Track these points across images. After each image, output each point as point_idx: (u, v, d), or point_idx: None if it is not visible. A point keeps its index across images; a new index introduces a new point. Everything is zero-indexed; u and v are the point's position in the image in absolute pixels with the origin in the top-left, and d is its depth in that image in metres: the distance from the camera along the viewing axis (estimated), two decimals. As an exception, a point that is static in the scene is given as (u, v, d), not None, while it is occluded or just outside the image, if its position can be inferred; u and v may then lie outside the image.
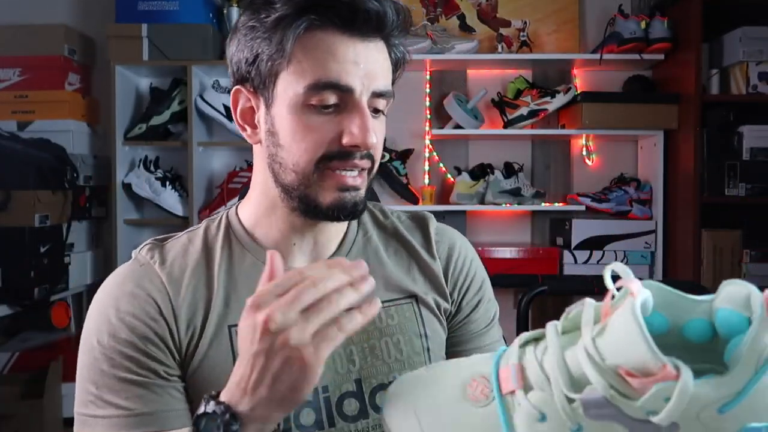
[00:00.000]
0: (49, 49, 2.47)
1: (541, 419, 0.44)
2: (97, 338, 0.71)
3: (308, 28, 0.70)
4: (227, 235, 0.80)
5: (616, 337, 0.40)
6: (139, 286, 0.73)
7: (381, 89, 0.73)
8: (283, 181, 0.75)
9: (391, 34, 0.74)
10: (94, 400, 0.69)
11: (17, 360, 2.25)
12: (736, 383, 0.39)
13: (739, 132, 2.35)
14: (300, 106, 0.71)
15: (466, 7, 2.69)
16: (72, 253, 2.38)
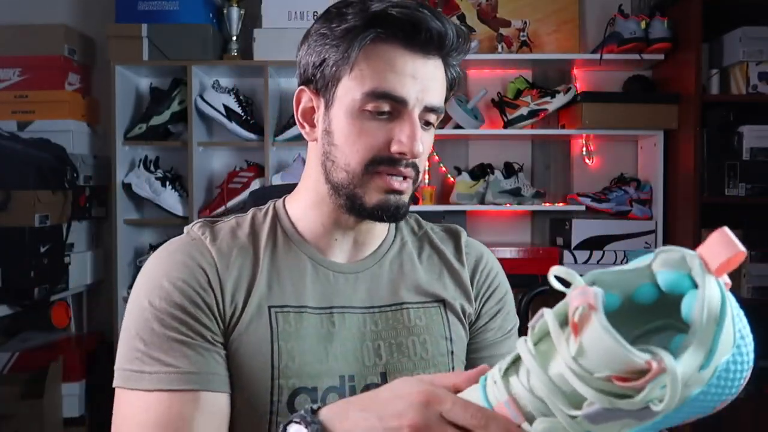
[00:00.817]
0: (49, 49, 2.47)
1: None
2: (148, 300, 0.75)
3: (373, 40, 0.76)
4: (273, 225, 0.85)
5: (596, 352, 0.42)
6: (191, 257, 0.78)
7: (434, 104, 0.78)
8: (333, 179, 0.80)
9: (450, 54, 0.80)
10: (141, 356, 0.72)
11: (17, 360, 2.25)
12: (704, 343, 0.42)
13: (739, 132, 2.35)
14: (356, 110, 0.77)
15: (466, 7, 2.69)
16: (72, 253, 2.38)
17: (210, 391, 0.72)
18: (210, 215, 2.49)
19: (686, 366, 0.42)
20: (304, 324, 0.78)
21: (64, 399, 2.24)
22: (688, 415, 0.46)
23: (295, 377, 0.76)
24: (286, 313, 0.78)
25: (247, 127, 2.51)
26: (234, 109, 2.50)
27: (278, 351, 0.76)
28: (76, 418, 2.27)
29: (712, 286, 0.43)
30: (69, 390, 2.27)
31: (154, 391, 0.70)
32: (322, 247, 0.84)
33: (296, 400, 0.75)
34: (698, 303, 0.42)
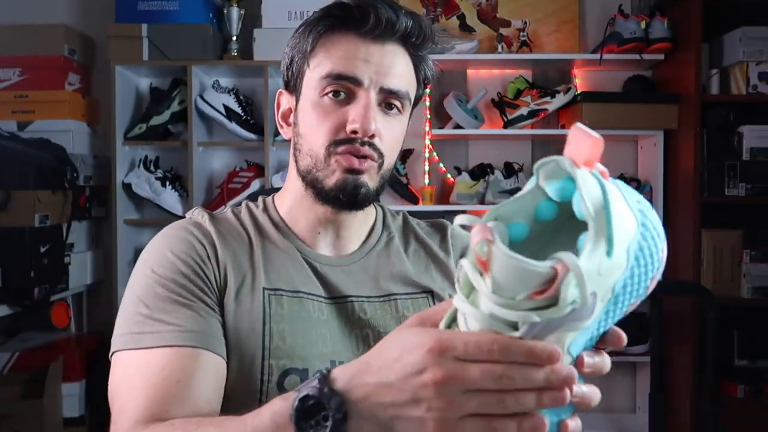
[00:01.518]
0: (49, 49, 2.47)
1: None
2: (152, 268, 0.78)
3: (327, 30, 0.80)
4: (264, 216, 0.89)
5: (507, 279, 0.44)
6: (193, 234, 0.82)
7: (392, 87, 0.80)
8: (300, 168, 0.83)
9: (408, 41, 0.82)
10: (143, 319, 0.74)
11: (17, 360, 2.24)
12: (600, 230, 0.44)
13: (739, 132, 2.35)
14: (317, 97, 0.80)
15: (466, 7, 2.69)
16: (72, 253, 2.38)
17: (211, 351, 0.73)
18: (210, 215, 2.49)
19: (590, 258, 0.44)
20: (296, 308, 0.80)
21: (64, 399, 2.24)
22: (627, 302, 0.49)
23: (286, 358, 0.77)
24: (279, 296, 0.80)
25: (247, 127, 2.51)
26: (234, 109, 2.50)
27: (269, 332, 0.78)
28: (76, 418, 2.27)
29: (587, 178, 0.46)
30: (69, 390, 2.27)
31: (156, 347, 0.71)
32: (310, 242, 0.87)
33: (286, 380, 0.77)
34: (579, 197, 0.45)
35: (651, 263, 0.49)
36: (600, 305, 0.46)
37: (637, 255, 0.47)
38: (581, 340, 0.48)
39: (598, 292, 0.45)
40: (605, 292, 0.46)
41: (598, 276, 0.45)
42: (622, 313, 0.50)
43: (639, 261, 0.48)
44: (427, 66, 0.86)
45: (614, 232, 0.45)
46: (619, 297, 0.48)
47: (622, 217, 0.46)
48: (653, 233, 0.49)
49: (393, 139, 0.82)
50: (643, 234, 0.48)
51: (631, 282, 0.48)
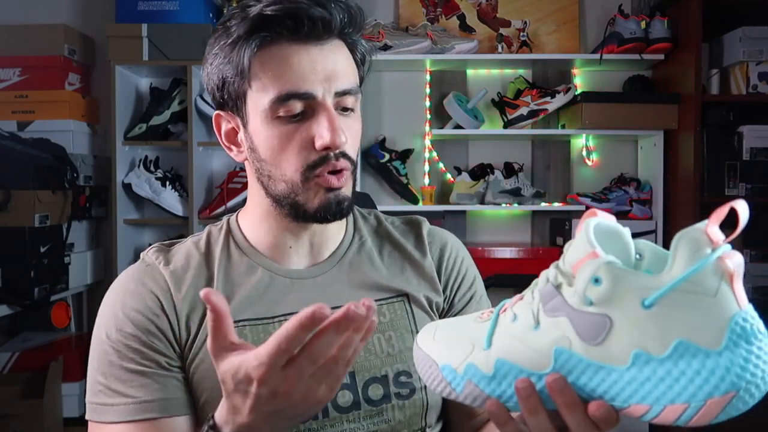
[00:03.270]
0: (49, 49, 2.47)
1: (513, 320, 0.52)
2: (105, 332, 0.76)
3: (261, 45, 0.74)
4: (227, 240, 0.85)
5: (574, 245, 0.48)
6: (143, 284, 0.79)
7: (344, 88, 0.76)
8: (273, 192, 0.79)
9: (345, 33, 0.77)
10: (103, 389, 0.74)
11: (17, 360, 2.24)
12: (660, 278, 0.44)
13: (739, 132, 2.36)
14: (270, 119, 0.75)
15: (466, 7, 2.69)
16: (72, 253, 2.38)
17: (168, 417, 0.73)
18: (210, 215, 2.49)
19: (627, 276, 0.45)
20: (263, 336, 0.77)
21: (64, 399, 2.24)
22: (633, 390, 0.45)
23: None
24: (241, 327, 0.78)
25: (247, 127, 2.50)
26: (234, 109, 2.50)
27: None
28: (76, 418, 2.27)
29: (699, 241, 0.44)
30: (69, 390, 2.26)
31: (117, 423, 0.72)
32: (278, 258, 0.83)
33: None
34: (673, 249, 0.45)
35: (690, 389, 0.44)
36: (609, 350, 0.46)
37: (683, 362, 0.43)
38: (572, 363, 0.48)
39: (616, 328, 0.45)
40: (624, 345, 0.45)
41: (621, 308, 0.45)
42: (620, 400, 0.47)
43: (679, 368, 0.43)
44: (361, 47, 0.80)
45: (665, 291, 0.43)
46: (631, 370, 0.45)
47: (698, 307, 0.43)
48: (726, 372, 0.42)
49: (356, 138, 0.80)
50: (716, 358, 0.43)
51: (652, 373, 0.44)
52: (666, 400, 0.44)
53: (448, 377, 0.54)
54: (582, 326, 0.46)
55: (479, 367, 0.52)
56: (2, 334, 2.43)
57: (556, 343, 0.48)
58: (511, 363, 0.51)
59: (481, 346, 0.53)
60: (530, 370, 0.50)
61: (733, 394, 0.42)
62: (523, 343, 0.50)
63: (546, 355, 0.49)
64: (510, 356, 0.51)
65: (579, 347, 0.47)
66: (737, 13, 2.35)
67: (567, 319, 0.47)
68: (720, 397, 0.42)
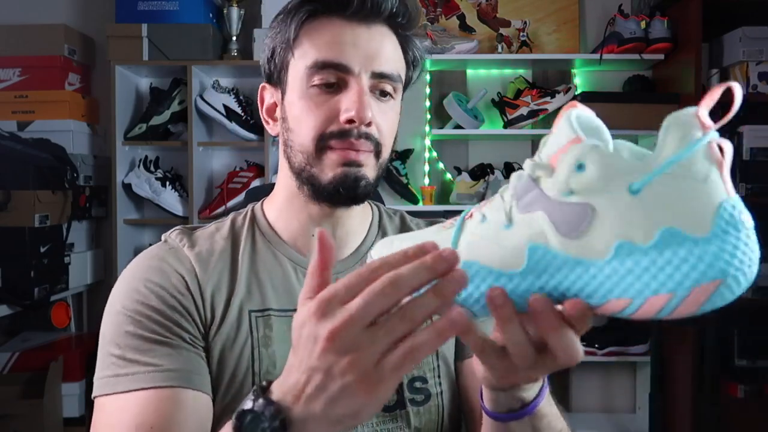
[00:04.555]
0: (49, 49, 2.47)
1: (482, 220, 0.48)
2: (122, 305, 0.72)
3: (309, 16, 0.75)
4: (251, 227, 0.83)
5: (552, 137, 0.45)
6: (168, 263, 0.76)
7: (384, 71, 0.75)
8: (293, 165, 0.78)
9: (395, 21, 0.77)
10: (117, 361, 0.69)
11: (17, 360, 2.24)
12: (647, 162, 0.41)
13: (739, 132, 2.35)
14: (305, 88, 0.75)
15: (466, 7, 2.69)
16: (72, 253, 2.38)
17: (192, 389, 0.69)
18: (210, 215, 2.49)
19: (610, 158, 0.42)
20: (285, 327, 0.75)
21: (64, 399, 2.24)
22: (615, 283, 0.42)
23: None
24: (266, 317, 0.76)
25: (247, 127, 2.51)
26: (234, 109, 2.50)
27: (259, 356, 0.74)
28: (76, 418, 2.27)
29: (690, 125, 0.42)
30: (69, 390, 2.26)
31: (132, 391, 0.67)
32: (301, 247, 0.82)
33: None
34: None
35: (676, 278, 0.41)
36: (592, 245, 0.42)
37: (669, 250, 0.40)
38: (547, 261, 0.44)
39: (599, 218, 0.42)
40: (608, 235, 0.42)
41: (606, 195, 0.42)
42: (601, 296, 0.43)
43: (665, 256, 0.41)
44: (414, 47, 0.80)
45: (653, 178, 0.41)
46: (612, 263, 0.42)
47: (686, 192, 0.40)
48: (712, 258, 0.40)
49: (389, 126, 0.77)
50: (700, 245, 0.40)
51: (637, 263, 0.41)
52: (649, 291, 0.41)
53: None
54: (561, 218, 0.43)
55: None
56: (2, 334, 2.43)
57: (530, 240, 0.44)
58: (479, 264, 0.46)
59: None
60: (500, 270, 0.46)
61: (720, 282, 0.40)
62: (493, 242, 0.46)
63: (519, 253, 0.45)
64: (478, 257, 0.47)
65: (556, 242, 0.43)
66: (737, 13, 2.35)
67: (543, 213, 0.44)
68: (706, 284, 0.40)
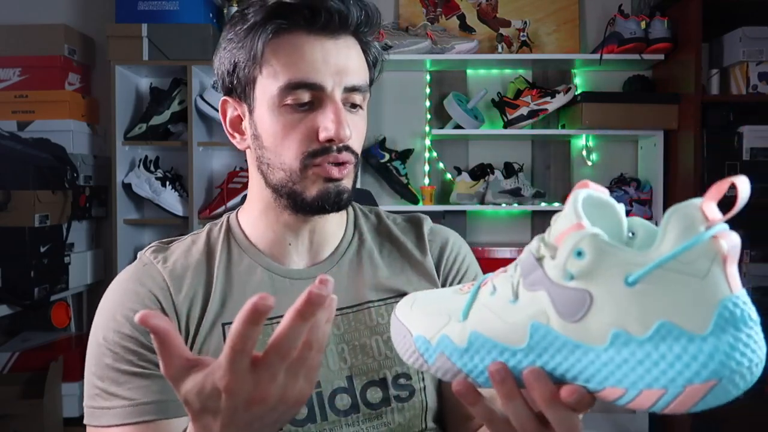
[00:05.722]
0: (49, 49, 2.47)
1: (492, 293, 0.50)
2: (102, 335, 0.75)
3: (276, 32, 0.74)
4: (227, 238, 0.84)
5: (561, 217, 0.47)
6: (142, 284, 0.78)
7: (354, 84, 0.76)
8: (272, 181, 0.78)
9: (360, 32, 0.78)
10: (100, 392, 0.73)
11: (17, 360, 2.25)
12: (646, 255, 0.41)
13: (739, 132, 2.35)
14: (277, 107, 0.75)
15: (466, 7, 2.69)
16: (72, 253, 2.38)
17: (167, 419, 0.72)
18: (210, 215, 2.49)
19: (608, 247, 0.42)
20: (262, 338, 0.74)
21: (64, 399, 2.24)
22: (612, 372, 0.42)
23: None
24: None
25: (247, 127, 2.51)
26: (234, 109, 2.50)
27: None
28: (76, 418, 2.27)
29: (693, 219, 0.42)
30: (69, 390, 2.26)
31: (114, 426, 0.72)
32: (278, 255, 0.83)
33: None
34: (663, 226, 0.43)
35: (663, 374, 0.41)
36: (587, 328, 0.43)
37: (663, 345, 0.40)
38: (548, 341, 0.45)
39: (596, 305, 0.42)
40: (604, 324, 0.42)
41: (603, 284, 0.42)
42: (597, 382, 0.43)
43: (659, 351, 0.40)
44: (373, 48, 0.81)
45: (648, 270, 0.40)
46: (609, 351, 0.42)
47: (685, 287, 0.40)
48: (708, 359, 0.39)
49: (361, 135, 0.80)
50: (698, 343, 0.39)
51: (632, 355, 0.41)
52: (643, 384, 0.41)
53: (420, 348, 0.52)
54: (561, 301, 0.44)
55: (453, 339, 0.50)
56: (2, 334, 2.43)
57: (532, 318, 0.45)
58: (485, 336, 0.48)
59: (457, 318, 0.51)
60: (504, 345, 0.47)
61: (714, 383, 0.39)
62: (500, 316, 0.48)
63: (522, 330, 0.46)
64: (485, 329, 0.48)
65: (556, 324, 0.44)
66: (737, 13, 2.35)
67: (546, 294, 0.45)
68: (700, 385, 0.39)
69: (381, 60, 0.83)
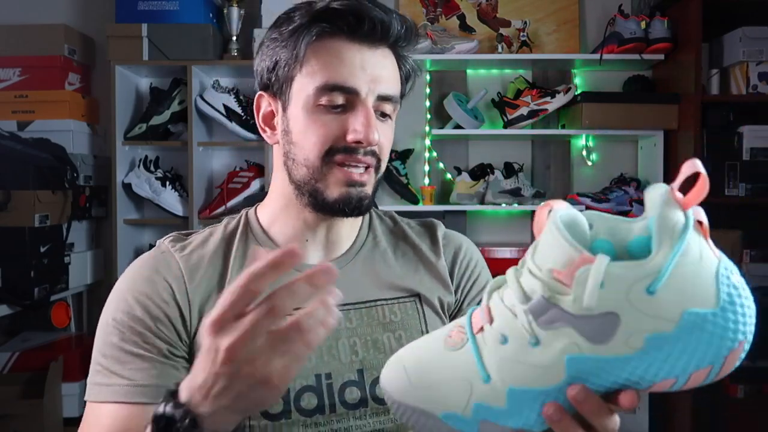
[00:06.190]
0: (49, 49, 2.47)
1: (503, 341, 0.48)
2: (112, 316, 0.77)
3: (319, 36, 0.78)
4: (245, 232, 0.86)
5: (545, 246, 0.46)
6: (157, 271, 0.80)
7: (387, 93, 0.79)
8: (295, 177, 0.81)
9: (398, 44, 0.81)
10: (102, 369, 0.75)
11: (17, 360, 2.25)
12: (655, 262, 0.43)
13: (739, 132, 2.35)
14: (311, 106, 0.78)
15: (466, 7, 2.69)
16: (72, 253, 2.38)
17: None
18: (210, 215, 2.49)
19: (624, 272, 0.43)
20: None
21: (64, 399, 2.24)
22: (658, 371, 0.45)
23: None
24: None
25: (248, 127, 2.51)
26: (234, 109, 2.50)
27: None
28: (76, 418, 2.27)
29: (676, 215, 0.44)
30: (69, 390, 2.26)
31: (110, 402, 0.73)
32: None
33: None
34: (654, 219, 0.44)
35: (707, 352, 0.44)
36: (620, 343, 0.44)
37: (695, 331, 0.43)
38: (586, 366, 0.46)
39: (623, 320, 0.44)
40: (634, 332, 0.44)
41: (626, 301, 0.43)
42: (647, 381, 0.46)
43: (691, 336, 0.44)
44: (407, 63, 0.84)
45: (667, 272, 0.43)
46: (648, 354, 0.44)
47: (690, 275, 0.44)
48: (729, 326, 0.44)
49: (388, 143, 0.83)
50: (716, 317, 0.44)
51: (670, 350, 0.44)
52: (690, 368, 0.44)
53: (456, 425, 0.50)
54: (589, 330, 0.45)
55: (490, 403, 0.49)
56: (2, 334, 2.43)
57: (564, 353, 0.46)
58: (524, 388, 0.48)
59: (479, 381, 0.49)
60: (545, 388, 0.47)
61: (743, 342, 0.45)
62: (527, 363, 0.47)
63: (557, 367, 0.46)
64: (519, 382, 0.48)
65: (590, 349, 0.45)
66: (737, 13, 2.35)
67: (571, 328, 0.45)
68: (737, 347, 0.44)
69: (414, 75, 0.86)
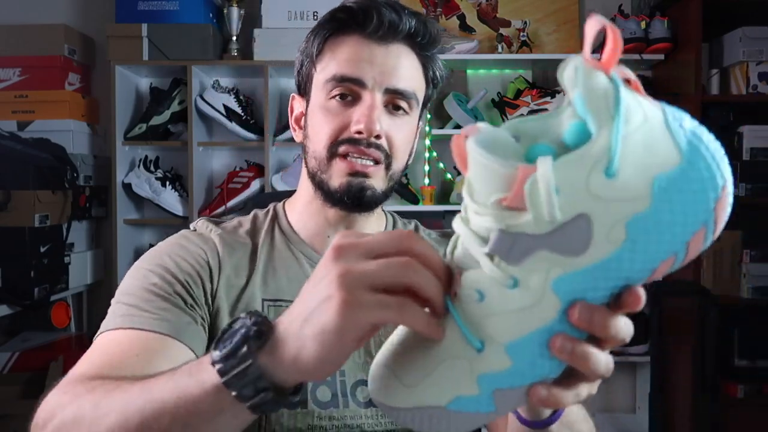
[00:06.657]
0: (49, 49, 2.47)
1: (480, 299, 0.42)
2: (141, 265, 0.79)
3: (333, 33, 0.82)
4: (272, 225, 0.89)
5: (478, 179, 0.40)
6: (196, 244, 0.82)
7: (397, 87, 0.80)
8: (310, 170, 0.84)
9: (414, 42, 0.82)
10: (122, 307, 0.73)
11: (17, 360, 2.24)
12: (601, 142, 0.37)
13: (739, 132, 2.35)
14: (325, 99, 0.82)
15: (466, 7, 2.69)
16: (72, 253, 2.38)
17: (180, 342, 0.70)
18: (210, 215, 2.49)
19: (571, 166, 0.37)
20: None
21: (64, 399, 2.24)
22: (653, 255, 0.40)
23: None
24: (278, 306, 0.80)
25: (247, 127, 2.51)
26: (234, 109, 2.50)
27: None
28: (76, 418, 2.27)
29: (598, 77, 0.38)
30: (69, 390, 2.26)
31: (125, 328, 0.70)
32: (318, 247, 0.86)
33: None
34: (579, 94, 0.38)
35: (694, 212, 0.39)
36: (602, 243, 0.38)
37: (672, 195, 0.38)
38: (577, 283, 0.40)
39: (595, 218, 0.38)
40: (611, 225, 0.38)
41: (589, 195, 0.37)
42: (645, 270, 0.40)
43: (672, 203, 0.38)
44: (435, 66, 0.86)
45: (618, 147, 0.37)
46: (635, 241, 0.39)
47: (642, 141, 0.38)
48: (704, 174, 0.39)
49: (401, 139, 0.83)
50: (686, 171, 0.38)
51: (656, 227, 0.39)
52: (685, 237, 0.39)
53: (469, 408, 0.43)
54: (564, 243, 0.39)
55: (494, 370, 0.42)
56: (2, 334, 2.43)
57: (548, 280, 0.40)
58: (522, 337, 0.41)
59: (472, 353, 0.43)
60: (544, 326, 0.41)
61: (725, 186, 0.40)
62: (514, 310, 0.41)
63: (547, 298, 0.40)
64: (515, 333, 0.42)
65: (573, 264, 0.39)
66: (737, 13, 2.35)
67: (544, 250, 0.39)
68: (720, 197, 0.39)
69: (441, 79, 0.87)
